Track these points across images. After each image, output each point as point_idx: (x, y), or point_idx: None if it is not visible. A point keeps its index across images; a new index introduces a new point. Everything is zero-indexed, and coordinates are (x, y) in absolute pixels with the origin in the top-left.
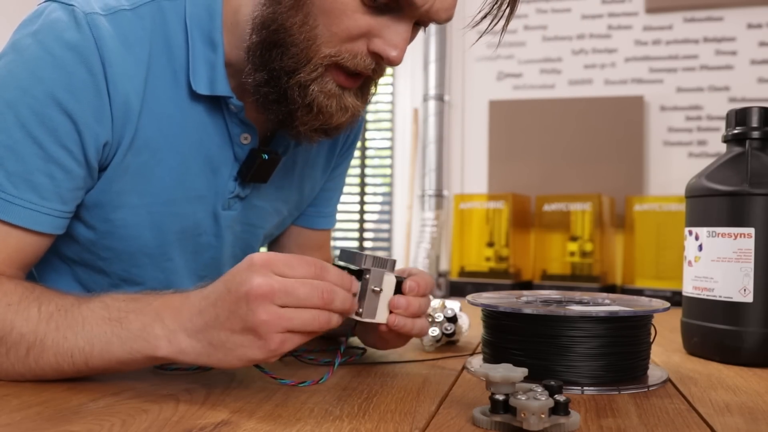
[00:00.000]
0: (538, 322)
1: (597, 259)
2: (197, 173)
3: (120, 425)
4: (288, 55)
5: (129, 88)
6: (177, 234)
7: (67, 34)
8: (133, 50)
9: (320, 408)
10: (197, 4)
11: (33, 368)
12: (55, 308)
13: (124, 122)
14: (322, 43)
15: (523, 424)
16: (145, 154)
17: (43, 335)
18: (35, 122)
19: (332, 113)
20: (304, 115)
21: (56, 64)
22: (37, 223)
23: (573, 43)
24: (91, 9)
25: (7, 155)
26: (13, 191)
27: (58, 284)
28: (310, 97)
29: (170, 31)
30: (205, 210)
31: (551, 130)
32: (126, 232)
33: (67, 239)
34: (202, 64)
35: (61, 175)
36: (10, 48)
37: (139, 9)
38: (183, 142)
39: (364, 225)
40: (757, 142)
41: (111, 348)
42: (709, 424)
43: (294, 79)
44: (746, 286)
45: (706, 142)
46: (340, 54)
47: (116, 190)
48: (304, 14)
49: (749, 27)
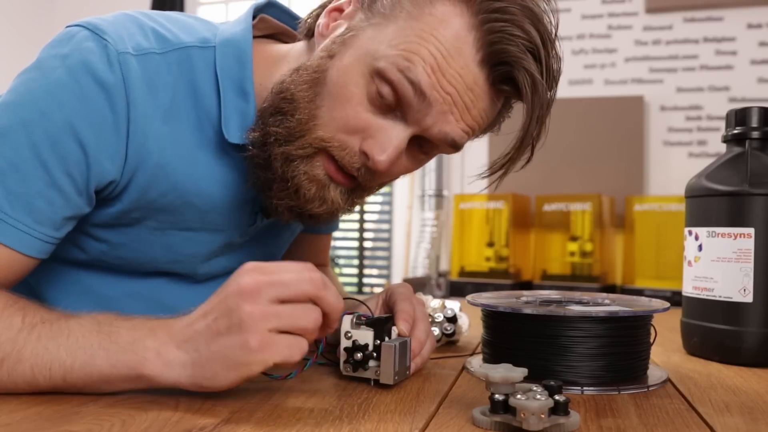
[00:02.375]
0: (538, 322)
1: (597, 259)
2: (221, 211)
3: (120, 425)
4: (285, 124)
5: (149, 131)
6: (188, 256)
7: (98, 68)
8: (156, 94)
9: (320, 408)
10: (227, 54)
11: (3, 381)
12: (39, 320)
13: (138, 164)
14: (320, 124)
15: (522, 424)
16: (173, 195)
17: (21, 345)
18: (47, 146)
19: (308, 199)
20: (281, 190)
21: (82, 94)
22: (27, 246)
23: (573, 43)
24: (125, 48)
25: (10, 173)
26: (9, 210)
27: (59, 289)
28: (292, 173)
29: (198, 79)
30: (222, 240)
31: (551, 130)
32: (138, 246)
33: (73, 248)
34: (234, 113)
35: (60, 202)
36: (34, 66)
37: (168, 54)
38: (209, 186)
39: (364, 225)
40: (757, 142)
41: (94, 361)
42: (708, 424)
43: (281, 148)
44: (746, 286)
45: (706, 142)
46: (332, 141)
47: (135, 216)
48: (315, 92)
49: (749, 27)
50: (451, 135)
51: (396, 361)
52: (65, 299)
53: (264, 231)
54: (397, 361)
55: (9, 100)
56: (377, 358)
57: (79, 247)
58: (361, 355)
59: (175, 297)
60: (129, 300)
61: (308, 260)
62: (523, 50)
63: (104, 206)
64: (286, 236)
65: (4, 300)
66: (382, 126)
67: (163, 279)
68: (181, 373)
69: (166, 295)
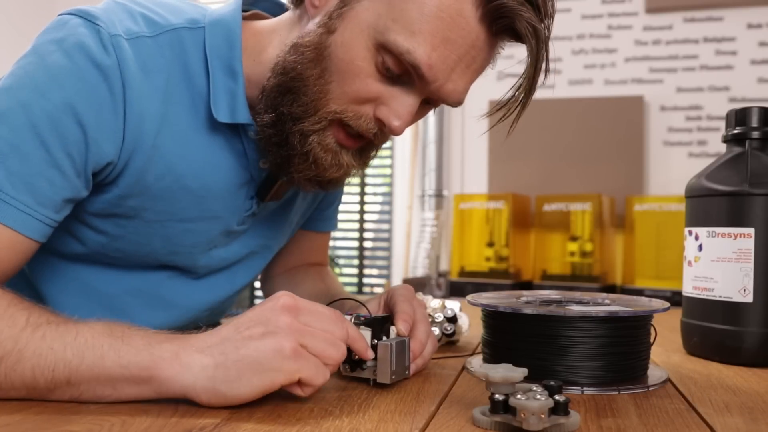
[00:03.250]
0: (538, 322)
1: (597, 259)
2: (216, 196)
3: (120, 425)
4: (298, 103)
5: (145, 114)
6: (188, 247)
7: (94, 51)
8: (151, 77)
9: (320, 408)
10: (216, 34)
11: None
12: (45, 320)
13: (135, 146)
14: (332, 98)
15: (522, 424)
16: (168, 178)
17: (24, 344)
18: (47, 126)
19: (326, 167)
20: (300, 163)
21: (80, 76)
22: (29, 228)
23: (573, 43)
24: (116, 31)
25: (11, 154)
26: (11, 191)
27: (58, 286)
28: (308, 146)
29: (189, 60)
30: (220, 227)
31: (551, 130)
32: (137, 239)
33: (72, 241)
34: (223, 92)
35: (60, 183)
36: (30, 51)
37: (159, 37)
38: (203, 167)
39: (364, 225)
40: (757, 142)
41: (103, 362)
42: (708, 424)
43: (297, 126)
44: (746, 286)
45: (706, 142)
46: (346, 112)
47: (132, 205)
48: (321, 68)
49: (749, 27)
50: (454, 94)
51: (393, 361)
52: (65, 297)
53: (261, 223)
54: (394, 360)
55: (7, 84)
56: (375, 357)
57: (79, 239)
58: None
59: (176, 292)
60: (129, 296)
61: (307, 259)
62: (521, 2)
63: (101, 191)
64: (284, 230)
65: (9, 298)
66: (393, 94)
67: (163, 274)
68: (199, 375)
69: (167, 290)
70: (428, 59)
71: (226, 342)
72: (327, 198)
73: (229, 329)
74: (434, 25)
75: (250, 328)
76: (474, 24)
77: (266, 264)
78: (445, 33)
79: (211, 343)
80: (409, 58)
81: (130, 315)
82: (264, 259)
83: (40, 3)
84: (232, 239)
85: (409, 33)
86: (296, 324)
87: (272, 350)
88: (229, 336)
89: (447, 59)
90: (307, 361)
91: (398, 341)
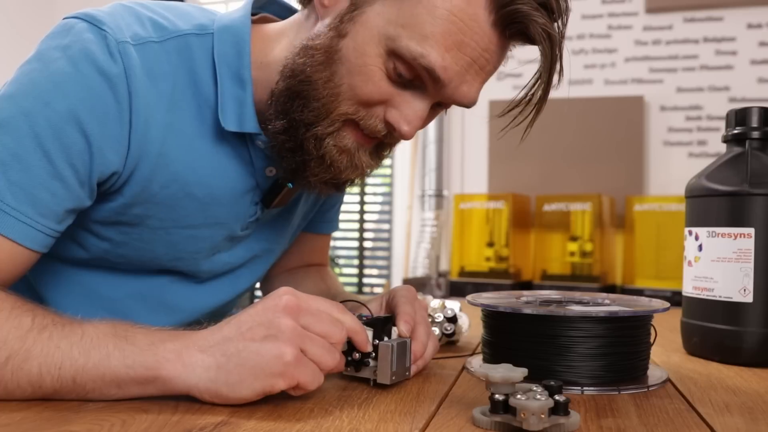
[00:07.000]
0: (538, 322)
1: (597, 259)
2: (221, 203)
3: (120, 425)
4: (309, 108)
5: (151, 122)
6: (191, 253)
7: (100, 58)
8: (157, 83)
9: (320, 408)
10: (225, 41)
11: (5, 380)
12: (51, 321)
13: (141, 155)
14: (343, 101)
15: (522, 424)
16: (174, 186)
17: (31, 344)
18: (49, 136)
19: (342, 169)
20: (317, 167)
21: (85, 84)
22: (29, 238)
23: (573, 43)
24: (123, 37)
25: (13, 163)
26: (12, 201)
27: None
28: (324, 149)
29: (196, 67)
30: (224, 233)
31: (551, 130)
32: (141, 245)
33: (75, 246)
34: (231, 101)
35: (62, 194)
36: (35, 57)
37: (166, 43)
38: (209, 175)
39: (364, 225)
40: (757, 142)
41: (109, 361)
42: (708, 424)
43: (311, 131)
44: (746, 286)
45: (706, 142)
46: (357, 113)
47: (136, 213)
48: (331, 71)
49: (749, 27)
50: (468, 96)
51: (393, 361)
52: (68, 301)
53: (264, 226)
54: (394, 361)
55: (10, 91)
56: (376, 357)
57: (82, 245)
58: (359, 355)
59: (179, 297)
60: (132, 301)
61: (308, 260)
62: (535, 6)
63: (106, 200)
64: (287, 233)
65: (13, 301)
66: (405, 98)
67: (165, 278)
68: (201, 375)
69: (170, 295)
70: (442, 61)
71: (228, 342)
72: (329, 200)
73: (231, 327)
74: (445, 28)
75: (252, 328)
76: (487, 28)
77: (269, 267)
78: (457, 36)
79: (213, 342)
80: (423, 62)
81: (132, 319)
82: (267, 263)
83: (40, 3)
84: (236, 244)
85: (420, 37)
86: (297, 328)
87: (273, 356)
88: (231, 335)
89: (460, 61)
90: (305, 367)
91: (400, 342)
